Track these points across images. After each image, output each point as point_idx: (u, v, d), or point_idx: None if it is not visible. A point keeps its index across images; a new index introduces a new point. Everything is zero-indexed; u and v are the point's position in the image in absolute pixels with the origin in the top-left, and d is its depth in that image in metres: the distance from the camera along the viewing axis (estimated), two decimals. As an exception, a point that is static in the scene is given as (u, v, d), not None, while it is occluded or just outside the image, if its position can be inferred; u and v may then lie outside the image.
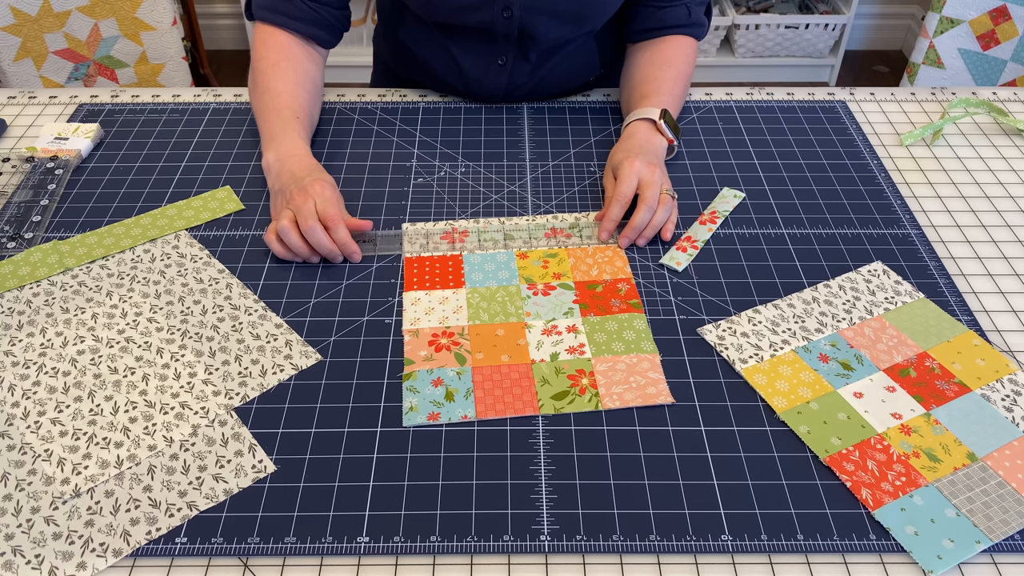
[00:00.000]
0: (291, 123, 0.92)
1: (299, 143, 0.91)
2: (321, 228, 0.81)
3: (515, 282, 0.81)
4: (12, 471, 0.65)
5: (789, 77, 2.73)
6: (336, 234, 0.81)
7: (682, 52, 1.04)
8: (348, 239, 0.82)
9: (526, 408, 0.70)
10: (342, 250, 0.82)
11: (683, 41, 1.04)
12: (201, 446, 0.66)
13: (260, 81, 0.96)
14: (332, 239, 0.81)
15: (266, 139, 0.91)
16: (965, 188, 0.96)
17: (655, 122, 0.94)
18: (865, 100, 1.11)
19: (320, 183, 0.83)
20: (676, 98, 1.00)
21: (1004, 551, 0.60)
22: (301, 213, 0.81)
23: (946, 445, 0.67)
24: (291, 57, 0.97)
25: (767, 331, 0.76)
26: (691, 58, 1.05)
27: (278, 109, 0.93)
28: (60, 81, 1.74)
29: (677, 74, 1.02)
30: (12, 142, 1.01)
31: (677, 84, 1.01)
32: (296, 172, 0.86)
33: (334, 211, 0.81)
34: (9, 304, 0.79)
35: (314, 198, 0.82)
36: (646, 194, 0.85)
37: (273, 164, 0.88)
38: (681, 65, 1.03)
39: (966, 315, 0.78)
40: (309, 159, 0.89)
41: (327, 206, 0.81)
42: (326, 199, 0.82)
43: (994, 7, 1.69)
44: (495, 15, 0.97)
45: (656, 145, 0.92)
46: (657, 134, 0.94)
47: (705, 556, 0.60)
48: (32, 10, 1.63)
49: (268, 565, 0.59)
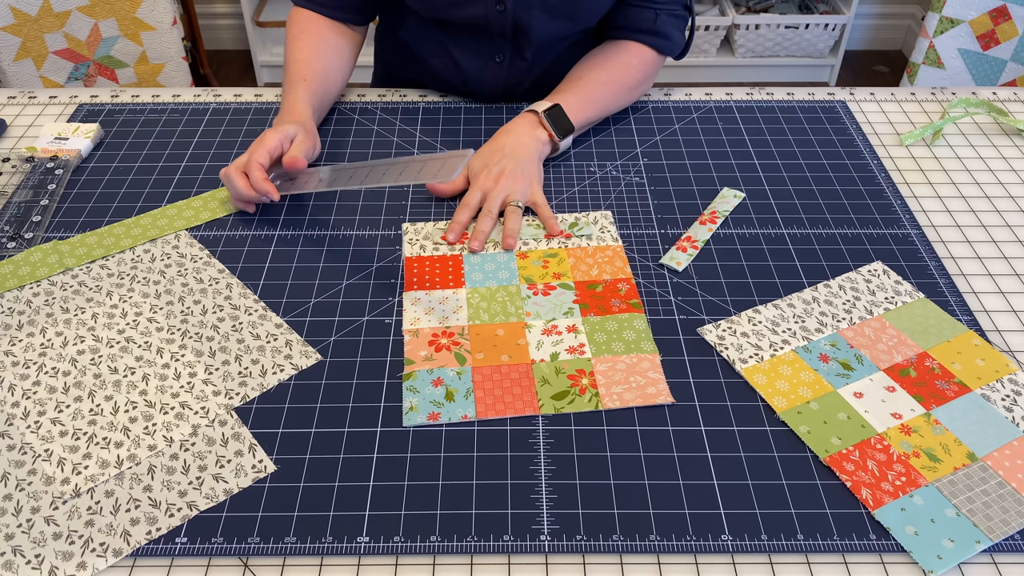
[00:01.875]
0: (295, 86, 0.97)
1: (295, 103, 0.95)
2: (237, 174, 0.86)
3: (515, 282, 0.81)
4: (12, 471, 0.65)
5: (789, 77, 2.73)
6: (251, 175, 0.85)
7: (624, 59, 1.01)
8: (260, 181, 0.85)
9: (526, 408, 0.70)
10: (257, 190, 0.85)
11: (634, 49, 1.02)
12: (201, 446, 0.66)
13: (285, 56, 1.02)
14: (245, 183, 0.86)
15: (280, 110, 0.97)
16: (965, 188, 0.96)
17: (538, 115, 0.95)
18: (865, 100, 1.11)
19: (271, 131, 0.88)
20: (592, 102, 0.98)
21: (1004, 551, 0.60)
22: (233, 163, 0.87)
23: (946, 445, 0.67)
24: (310, 28, 1.03)
25: (767, 331, 0.76)
26: (634, 68, 1.01)
27: (290, 76, 0.99)
28: (60, 81, 1.73)
29: (607, 79, 1.00)
30: (12, 142, 1.01)
31: (599, 88, 0.99)
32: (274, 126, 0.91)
33: (243, 158, 0.86)
34: (9, 304, 0.79)
35: (253, 147, 0.87)
36: (480, 221, 0.86)
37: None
38: (615, 71, 1.00)
39: (966, 315, 0.78)
40: (292, 116, 0.93)
41: (252, 150, 0.86)
42: (260, 143, 0.86)
43: (994, 7, 1.69)
44: (489, 9, 0.98)
45: (526, 144, 0.92)
46: (538, 128, 0.94)
47: (705, 556, 0.60)
48: (32, 10, 1.63)
49: (268, 565, 0.59)
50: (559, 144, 0.95)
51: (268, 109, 1.07)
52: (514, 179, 0.89)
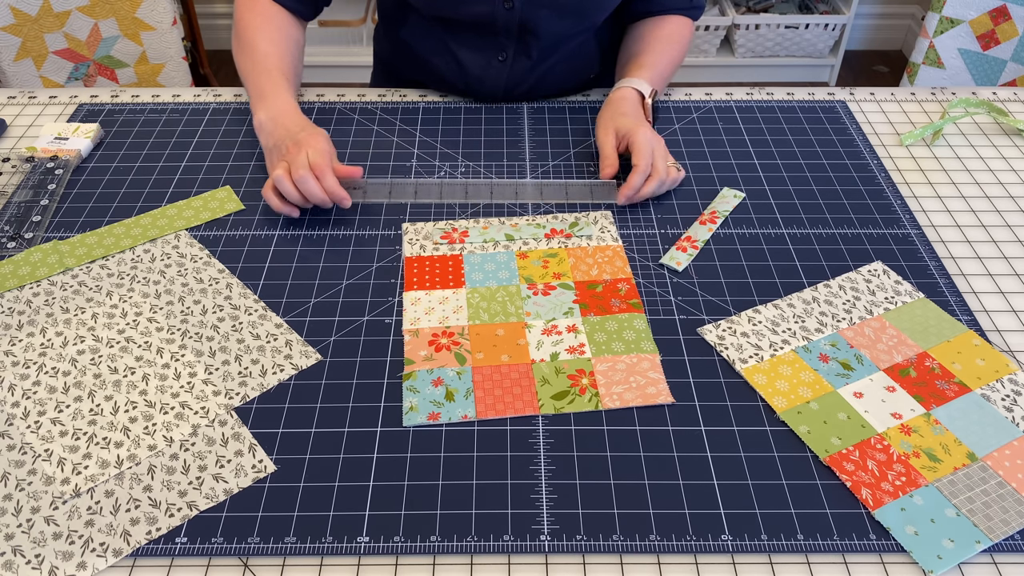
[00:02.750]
0: (281, 82, 0.96)
1: (290, 101, 0.95)
2: (312, 177, 0.84)
3: (515, 282, 0.81)
4: (12, 471, 0.65)
5: (789, 77, 2.73)
6: (325, 182, 0.85)
7: (681, 33, 1.07)
8: (336, 187, 0.85)
9: (526, 408, 0.70)
10: (331, 197, 0.86)
11: (682, 22, 1.08)
12: (201, 446, 0.66)
13: (247, 42, 1.00)
14: (323, 186, 0.85)
15: (256, 98, 0.95)
16: (965, 188, 0.96)
17: (644, 98, 0.97)
18: (865, 100, 1.11)
19: (314, 136, 0.88)
20: (664, 79, 1.04)
21: (1004, 551, 0.60)
22: (294, 164, 0.85)
23: (946, 445, 0.67)
24: (275, 20, 1.02)
25: (767, 331, 0.76)
26: (688, 40, 1.09)
27: (268, 70, 0.97)
28: (60, 81, 1.73)
29: (674, 55, 1.05)
30: (12, 142, 1.01)
31: (672, 64, 1.05)
32: (290, 127, 0.90)
33: (323, 160, 0.85)
34: (9, 304, 0.79)
35: (307, 149, 0.86)
36: (659, 165, 0.89)
37: (266, 123, 0.92)
38: (679, 46, 1.07)
39: (966, 315, 0.78)
40: (300, 116, 0.93)
41: (318, 156, 0.85)
42: (318, 150, 0.86)
43: (994, 7, 1.69)
44: (496, 6, 0.98)
45: (645, 117, 0.96)
46: (641, 106, 0.97)
47: (705, 556, 0.60)
48: (32, 10, 1.63)
49: (268, 565, 0.59)
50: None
51: (268, 109, 1.07)
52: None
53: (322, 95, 1.10)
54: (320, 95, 1.10)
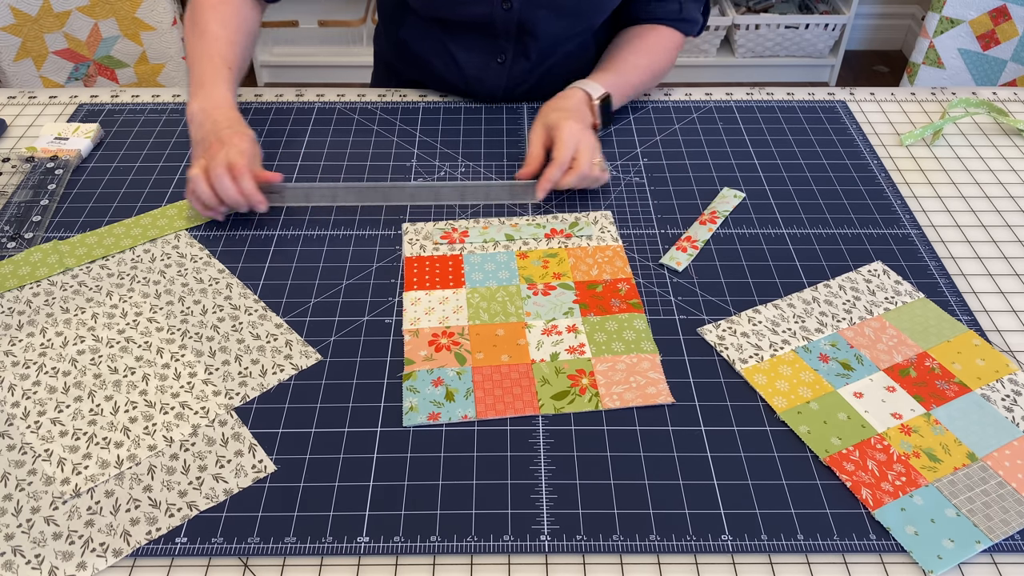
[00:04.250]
0: (222, 73, 0.94)
1: (226, 95, 0.92)
2: (228, 177, 0.83)
3: (515, 282, 0.81)
4: (12, 471, 0.65)
5: (789, 77, 2.73)
6: (241, 183, 0.83)
7: (663, 44, 1.05)
8: (252, 190, 0.84)
9: (526, 408, 0.70)
10: (247, 200, 0.84)
11: (667, 33, 1.06)
12: (201, 446, 0.66)
13: (199, 21, 0.97)
14: (239, 189, 0.83)
15: (195, 85, 0.93)
16: (965, 188, 0.96)
17: (591, 99, 0.95)
18: (865, 100, 1.11)
19: (238, 135, 0.86)
20: (633, 87, 1.01)
21: (1004, 551, 0.60)
22: (212, 163, 0.84)
23: (946, 445, 0.67)
24: (232, 2, 0.99)
25: (767, 331, 0.76)
26: (671, 52, 1.06)
27: (211, 56, 0.95)
28: (60, 81, 1.73)
29: (648, 63, 1.03)
30: (12, 142, 1.01)
31: (642, 73, 1.02)
32: (218, 123, 0.88)
33: (242, 161, 0.84)
34: (9, 304, 0.79)
35: (227, 149, 0.84)
36: (581, 159, 0.87)
37: (197, 114, 0.91)
38: (656, 56, 1.04)
39: (966, 315, 0.78)
40: (233, 111, 0.91)
41: (237, 156, 0.84)
42: (239, 150, 0.84)
43: (994, 7, 1.69)
44: (495, 7, 0.98)
45: (587, 116, 0.93)
46: (589, 112, 0.95)
47: (705, 556, 0.60)
48: (32, 10, 1.63)
49: (268, 565, 0.59)
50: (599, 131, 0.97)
51: (268, 109, 1.07)
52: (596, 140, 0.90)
53: (322, 95, 1.10)
54: (320, 95, 1.10)
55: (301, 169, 0.97)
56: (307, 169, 0.97)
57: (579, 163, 0.87)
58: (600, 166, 0.89)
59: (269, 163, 0.97)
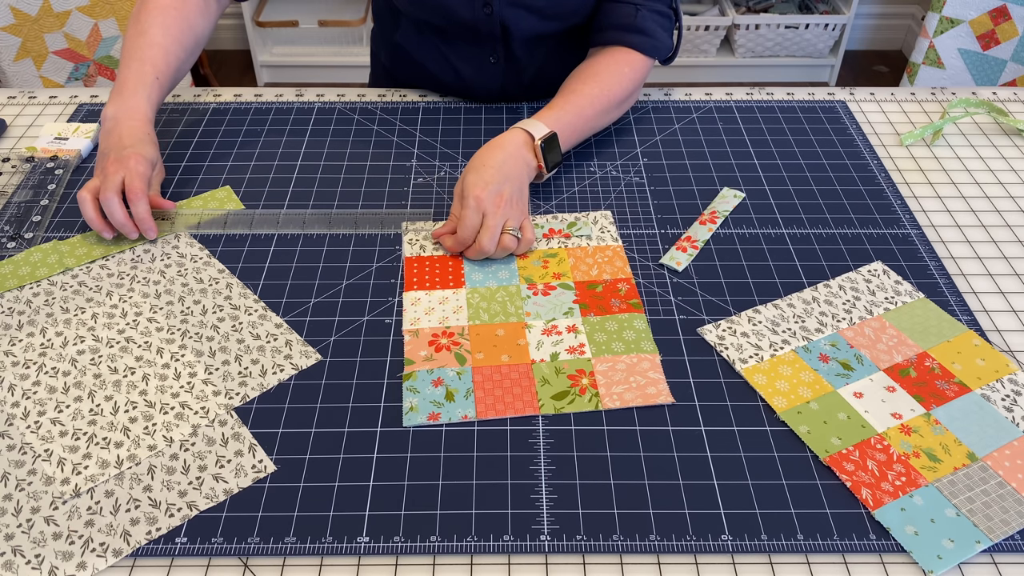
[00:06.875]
0: (147, 81, 0.91)
1: (142, 105, 0.89)
2: (118, 201, 0.82)
3: (515, 282, 0.81)
4: (12, 471, 0.65)
5: (789, 77, 2.73)
6: (135, 208, 0.82)
7: (615, 68, 0.97)
8: (146, 215, 0.83)
9: (526, 408, 0.70)
10: (139, 225, 0.83)
11: (622, 55, 0.98)
12: (201, 446, 0.66)
13: (142, 21, 0.94)
14: (134, 212, 0.82)
15: (116, 89, 0.91)
16: (965, 188, 0.96)
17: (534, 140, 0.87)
18: (865, 100, 1.11)
19: (136, 157, 0.84)
20: (587, 120, 0.94)
21: (1004, 551, 0.60)
22: (105, 184, 0.82)
23: (946, 445, 0.67)
24: (183, 7, 0.96)
25: (767, 331, 0.76)
26: (626, 78, 0.97)
27: (141, 61, 0.91)
28: (60, 81, 1.73)
29: (599, 92, 0.95)
30: (12, 142, 1.01)
31: (593, 104, 0.94)
32: (123, 138, 0.86)
33: (138, 185, 0.82)
34: (9, 304, 0.79)
35: (124, 171, 0.83)
36: (482, 241, 0.81)
37: (108, 120, 0.88)
38: (608, 82, 0.96)
39: (966, 315, 0.78)
40: (143, 125, 0.88)
41: (135, 180, 0.82)
42: (137, 173, 0.83)
43: (994, 7, 1.69)
44: (476, 11, 0.98)
45: (518, 167, 0.85)
46: (531, 154, 0.87)
47: (705, 556, 0.60)
48: (32, 10, 1.63)
49: (268, 565, 0.59)
50: (545, 175, 0.90)
51: (268, 109, 1.07)
52: (511, 206, 0.82)
53: (322, 95, 1.10)
54: (320, 95, 1.10)
55: (301, 169, 0.97)
56: (307, 169, 0.97)
57: (479, 244, 0.81)
58: (514, 233, 0.82)
59: (269, 163, 0.97)
